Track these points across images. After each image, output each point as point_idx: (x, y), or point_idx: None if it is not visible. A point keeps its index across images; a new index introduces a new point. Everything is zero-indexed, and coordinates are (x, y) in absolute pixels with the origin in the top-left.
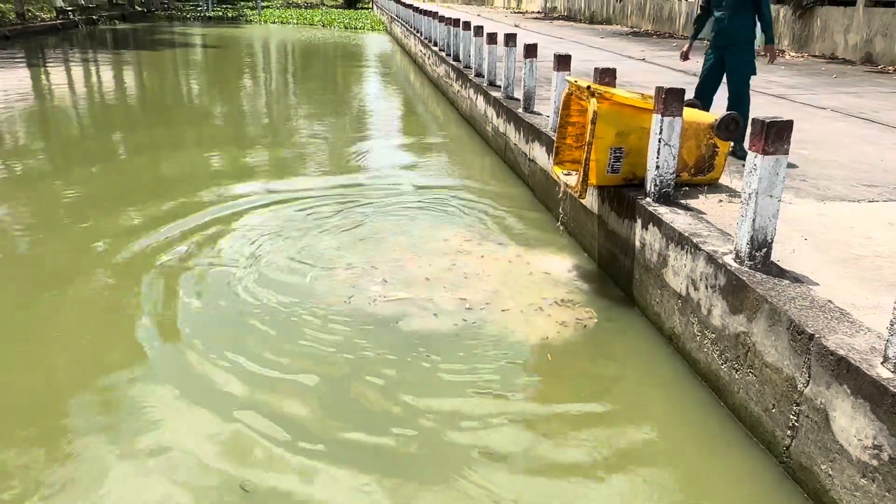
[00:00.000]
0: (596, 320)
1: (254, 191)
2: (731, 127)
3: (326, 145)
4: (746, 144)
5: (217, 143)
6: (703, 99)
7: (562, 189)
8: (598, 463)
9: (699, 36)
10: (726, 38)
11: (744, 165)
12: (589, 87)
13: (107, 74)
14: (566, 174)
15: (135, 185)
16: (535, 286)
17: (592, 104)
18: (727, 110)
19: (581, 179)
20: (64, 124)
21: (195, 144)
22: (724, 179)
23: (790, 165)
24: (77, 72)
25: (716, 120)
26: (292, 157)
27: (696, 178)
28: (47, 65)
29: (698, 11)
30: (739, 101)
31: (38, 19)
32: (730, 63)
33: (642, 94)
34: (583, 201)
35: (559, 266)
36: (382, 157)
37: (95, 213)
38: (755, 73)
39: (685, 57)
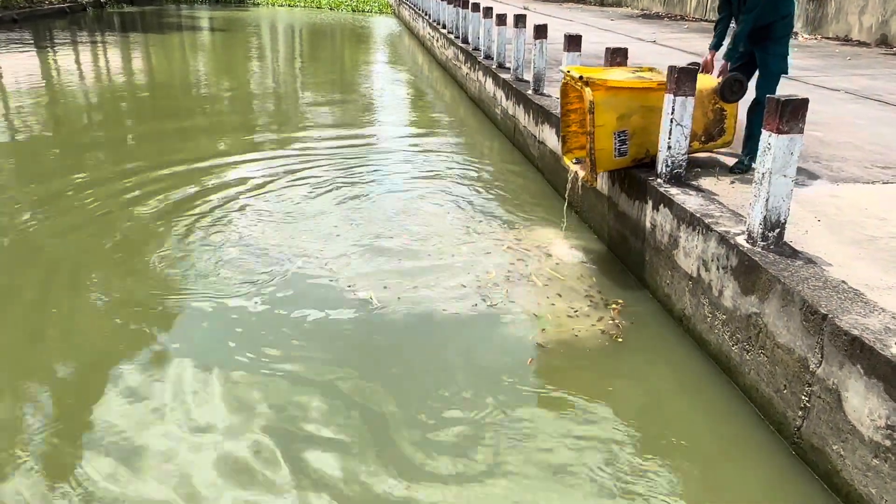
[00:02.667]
0: (605, 303)
1: (260, 169)
2: (735, 88)
3: (333, 129)
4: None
5: (225, 125)
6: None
7: (570, 173)
8: (607, 443)
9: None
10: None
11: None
12: (582, 77)
13: (115, 57)
14: (576, 162)
15: (141, 162)
16: (544, 269)
17: (588, 94)
18: (749, 113)
19: (590, 169)
20: (74, 106)
21: (205, 123)
22: None
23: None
24: (86, 54)
25: (719, 83)
26: (298, 140)
27: (708, 145)
28: (56, 47)
29: (717, 17)
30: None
31: (46, 2)
32: (759, 59)
33: (638, 68)
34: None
35: (568, 248)
36: (390, 140)
37: (97, 191)
38: (787, 72)
39: (707, 69)
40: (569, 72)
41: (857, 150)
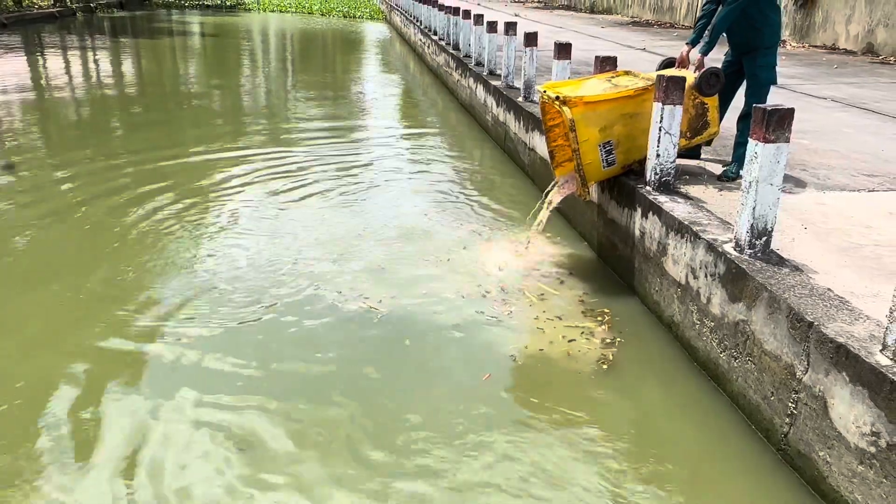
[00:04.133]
0: (594, 310)
1: (247, 174)
2: (713, 81)
3: (323, 134)
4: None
5: (214, 129)
6: (720, 105)
7: (553, 192)
8: (594, 449)
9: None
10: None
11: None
12: (558, 98)
13: (105, 61)
14: (565, 181)
15: (129, 167)
16: (533, 277)
17: (566, 113)
18: (738, 123)
19: (580, 184)
20: (63, 111)
21: (193, 127)
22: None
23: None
24: (74, 58)
25: (696, 78)
26: (286, 147)
27: (694, 140)
28: (45, 51)
29: (700, 13)
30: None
31: (35, 6)
32: (747, 69)
33: (614, 74)
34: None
35: (558, 255)
36: (380, 146)
37: (83, 194)
38: (775, 82)
39: (683, 65)
40: (545, 91)
41: (843, 159)
